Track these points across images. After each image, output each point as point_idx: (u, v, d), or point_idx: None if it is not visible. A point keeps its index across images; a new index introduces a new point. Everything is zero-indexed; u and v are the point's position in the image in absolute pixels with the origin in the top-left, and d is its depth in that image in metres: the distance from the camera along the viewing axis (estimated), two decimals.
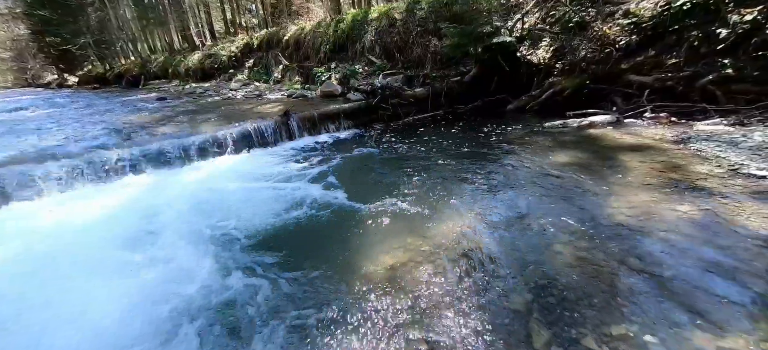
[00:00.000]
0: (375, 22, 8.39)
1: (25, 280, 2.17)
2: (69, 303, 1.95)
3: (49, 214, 3.00)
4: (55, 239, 2.64)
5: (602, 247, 2.07)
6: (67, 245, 2.55)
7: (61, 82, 25.46)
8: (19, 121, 6.90)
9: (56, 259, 2.36)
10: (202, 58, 14.02)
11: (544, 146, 3.93)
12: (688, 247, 1.98)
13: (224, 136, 4.47)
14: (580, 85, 5.14)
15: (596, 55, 5.07)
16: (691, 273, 1.80)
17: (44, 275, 2.20)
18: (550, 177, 3.08)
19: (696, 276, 1.78)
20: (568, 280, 1.84)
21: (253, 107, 6.60)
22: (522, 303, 1.74)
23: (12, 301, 2.00)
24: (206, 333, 1.70)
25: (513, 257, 2.07)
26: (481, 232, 2.34)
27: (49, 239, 2.62)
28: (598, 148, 3.67)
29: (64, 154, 3.82)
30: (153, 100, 9.33)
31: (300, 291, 1.95)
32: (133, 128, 5.28)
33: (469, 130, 4.98)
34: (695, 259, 1.89)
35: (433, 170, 3.54)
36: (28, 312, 1.91)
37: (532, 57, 6.01)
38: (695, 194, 2.48)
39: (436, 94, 6.14)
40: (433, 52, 7.08)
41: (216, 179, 3.70)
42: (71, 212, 3.02)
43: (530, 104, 5.52)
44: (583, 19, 5.38)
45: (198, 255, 2.33)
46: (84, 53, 23.55)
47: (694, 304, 1.61)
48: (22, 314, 1.89)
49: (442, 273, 1.98)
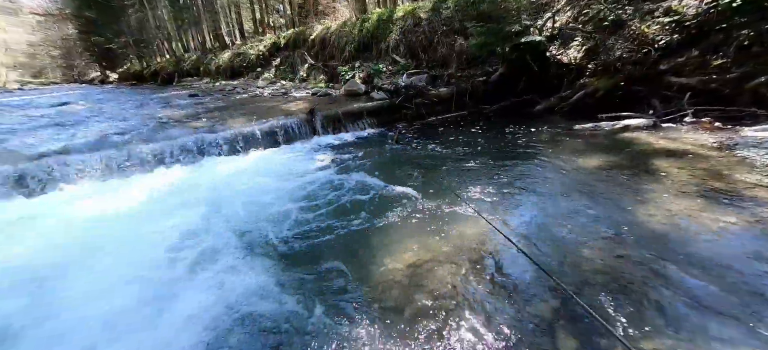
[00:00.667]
0: (400, 22, 8.38)
1: (74, 254, 2.39)
2: (110, 271, 2.16)
3: (91, 200, 3.22)
4: (97, 221, 2.85)
5: (635, 255, 1.97)
6: (108, 226, 2.76)
7: (103, 78, 27.18)
8: (66, 114, 7.44)
9: (98, 237, 2.58)
10: (231, 57, 14.53)
11: (573, 148, 3.78)
12: (732, 261, 1.85)
13: (252, 132, 4.62)
14: (613, 87, 4.90)
15: (633, 55, 4.82)
16: (735, 289, 1.67)
17: (88, 251, 2.42)
18: (580, 181, 2.97)
19: (740, 292, 1.66)
20: (597, 288, 1.76)
21: (279, 105, 6.77)
22: (547, 309, 1.69)
23: (62, 271, 2.17)
24: (232, 300, 1.77)
25: (538, 262, 2.00)
26: (504, 235, 2.29)
27: (90, 222, 2.84)
28: (632, 152, 3.49)
29: (105, 145, 4.09)
30: (185, 96, 9.76)
31: (318, 279, 1.98)
32: (168, 122, 5.55)
33: (495, 131, 4.87)
34: (740, 274, 1.76)
35: (456, 170, 3.50)
36: (76, 278, 2.10)
37: (562, 57, 5.79)
38: (741, 205, 2.31)
39: (461, 94, 6.05)
40: (459, 51, 6.98)
41: (244, 172, 3.83)
42: (111, 199, 3.23)
43: (560, 106, 5.33)
44: (620, 17, 5.12)
45: (225, 240, 2.42)
46: (124, 52, 25.04)
47: (737, 323, 1.50)
48: (74, 280, 2.12)
49: (462, 274, 1.95)
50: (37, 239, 2.59)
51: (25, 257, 2.39)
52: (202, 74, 16.05)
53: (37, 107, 9.66)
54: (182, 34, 20.85)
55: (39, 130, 5.46)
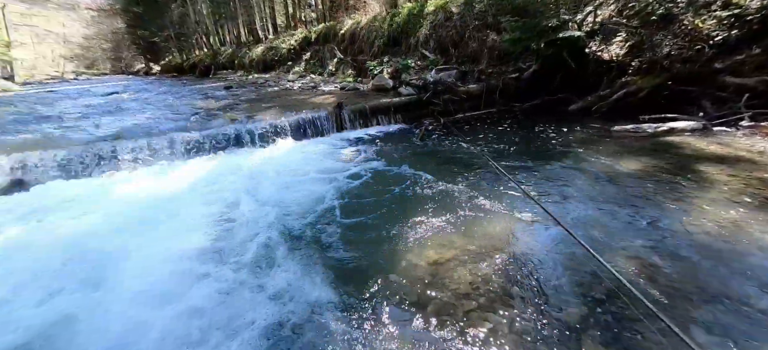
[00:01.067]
0: (431, 16, 8.26)
1: (128, 228, 2.63)
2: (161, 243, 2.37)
3: (140, 182, 3.50)
4: (147, 199, 3.12)
5: (675, 266, 1.84)
6: (157, 204, 3.00)
7: (147, 70, 28.99)
8: (114, 103, 8.02)
9: (150, 212, 2.85)
10: (264, 51, 14.98)
11: (611, 151, 3.58)
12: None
13: (283, 124, 4.76)
14: (659, 86, 4.57)
15: (683, 52, 4.46)
16: None
17: (142, 224, 2.70)
18: (617, 185, 2.81)
19: None
20: (629, 298, 1.67)
21: (307, 98, 6.91)
22: (577, 316, 1.62)
23: (118, 245, 2.36)
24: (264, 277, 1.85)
25: (568, 267, 1.93)
26: (532, 237, 2.22)
27: (141, 200, 3.12)
28: (677, 157, 3.25)
29: (151, 133, 4.38)
30: (221, 88, 10.20)
31: (341, 270, 2.02)
32: (205, 112, 5.84)
33: (525, 129, 4.71)
34: None
35: (483, 168, 3.42)
36: (134, 249, 2.29)
37: (602, 54, 5.48)
38: None
39: (491, 91, 5.89)
40: (491, 47, 6.78)
41: (276, 162, 3.97)
42: (153, 182, 3.48)
43: (597, 105, 5.04)
44: (670, 10, 4.75)
45: (255, 224, 2.52)
46: (166, 45, 26.52)
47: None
48: (130, 251, 2.33)
49: (487, 274, 1.91)
50: (96, 215, 2.85)
51: (83, 231, 2.63)
52: (236, 67, 16.69)
53: (90, 95, 10.48)
54: (219, 28, 21.75)
55: (93, 117, 5.93)
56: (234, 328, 1.68)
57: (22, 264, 2.24)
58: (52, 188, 3.35)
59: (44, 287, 2.01)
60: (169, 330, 1.68)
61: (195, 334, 1.66)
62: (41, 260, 2.25)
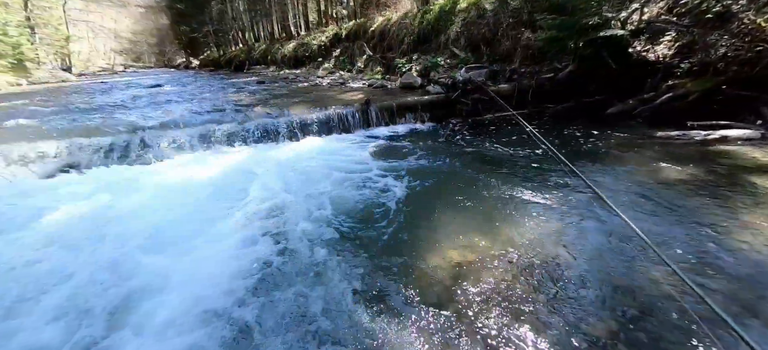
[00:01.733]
0: (463, 13, 8.10)
1: (166, 212, 2.82)
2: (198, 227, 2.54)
3: (179, 169, 3.74)
4: (188, 183, 3.35)
5: (718, 283, 1.71)
6: (194, 191, 3.19)
7: (187, 64, 30.58)
8: (160, 94, 8.56)
9: (186, 200, 3.02)
10: (296, 47, 15.36)
11: (653, 158, 3.35)
12: None
13: (311, 120, 4.87)
14: (711, 90, 4.21)
15: (741, 53, 4.08)
16: None
17: (178, 210, 2.86)
18: (659, 195, 2.63)
19: None
20: (666, 316, 1.57)
21: (336, 94, 7.02)
22: (605, 330, 1.55)
23: (160, 227, 2.54)
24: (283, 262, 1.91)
25: (599, 278, 1.84)
26: (561, 244, 2.13)
27: (183, 183, 3.35)
28: (729, 168, 2.99)
29: (192, 123, 4.66)
30: (254, 83, 10.58)
31: (361, 267, 2.03)
32: (239, 106, 6.09)
33: (559, 132, 4.51)
34: None
35: (512, 171, 3.32)
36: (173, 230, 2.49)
37: (647, 54, 5.13)
38: None
39: (523, 91, 5.69)
40: (524, 46, 6.54)
41: (304, 155, 4.08)
42: (194, 169, 3.69)
43: (638, 109, 4.73)
44: (728, 8, 4.35)
45: (282, 215, 2.61)
46: (205, 40, 27.86)
47: None
48: (167, 231, 2.53)
49: (511, 280, 1.86)
50: (142, 195, 3.09)
51: (134, 207, 2.87)
52: (269, 63, 17.23)
53: (137, 87, 11.25)
54: (254, 24, 22.54)
55: (139, 107, 6.37)
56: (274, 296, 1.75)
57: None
58: (101, 172, 3.65)
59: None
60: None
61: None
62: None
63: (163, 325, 1.70)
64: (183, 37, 31.34)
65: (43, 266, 2.15)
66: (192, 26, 27.30)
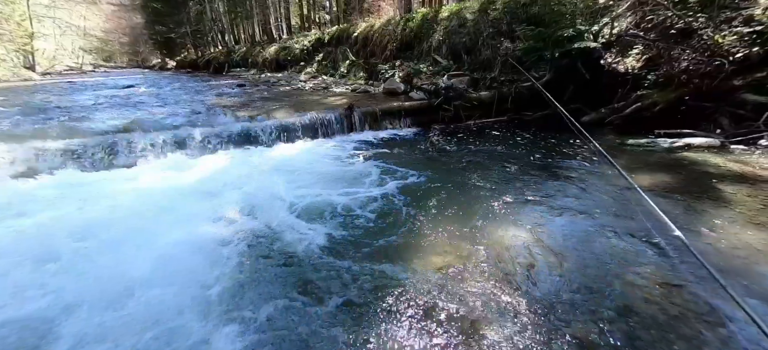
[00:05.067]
0: (445, 22, 8.27)
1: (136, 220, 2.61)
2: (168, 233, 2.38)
3: (151, 175, 3.54)
4: (158, 191, 3.16)
5: (688, 286, 1.80)
6: (164, 198, 3.01)
7: (163, 65, 29.59)
8: (132, 96, 8.20)
9: (158, 208, 2.84)
10: (277, 50, 15.17)
11: (624, 165, 3.51)
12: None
13: (293, 124, 4.81)
14: (675, 101, 4.49)
15: (702, 67, 4.38)
16: None
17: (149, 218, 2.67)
18: (630, 200, 2.76)
19: None
20: (642, 317, 1.64)
21: (319, 99, 6.97)
22: (583, 332, 1.60)
23: (127, 233, 2.40)
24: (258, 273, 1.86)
25: (576, 282, 1.90)
26: (541, 249, 2.19)
27: (151, 191, 3.15)
28: (693, 174, 3.19)
29: (166, 127, 4.45)
30: (234, 85, 10.35)
31: (344, 272, 2.01)
32: (218, 109, 5.92)
33: (536, 139, 4.67)
34: None
35: (492, 177, 3.40)
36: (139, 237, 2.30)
37: (618, 66, 5.41)
38: None
39: (503, 98, 5.86)
40: (504, 55, 6.75)
41: (285, 160, 4.02)
42: (169, 175, 3.53)
43: (610, 118, 4.98)
44: (690, 25, 4.68)
45: (259, 223, 2.55)
46: (182, 41, 27.08)
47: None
48: (135, 239, 2.34)
49: (493, 284, 1.90)
50: (109, 203, 2.88)
51: (98, 217, 2.66)
52: (250, 66, 16.92)
53: (108, 87, 10.74)
54: (235, 26, 22.12)
55: (110, 109, 6.08)
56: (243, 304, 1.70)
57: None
58: (62, 177, 3.38)
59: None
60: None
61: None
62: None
63: None
64: (158, 37, 30.31)
65: None
66: (169, 26, 26.47)
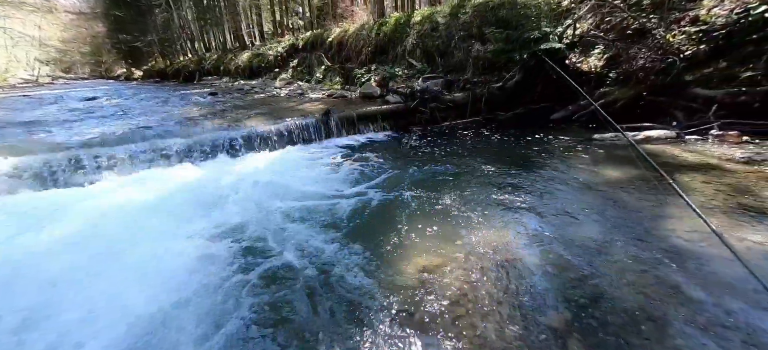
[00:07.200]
0: (417, 26, 8.41)
1: (100, 242, 2.46)
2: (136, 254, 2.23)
3: (117, 192, 3.34)
4: (121, 211, 2.94)
5: (653, 272, 1.92)
6: (132, 216, 2.85)
7: (129, 75, 28.22)
8: (95, 109, 7.77)
9: (123, 226, 2.68)
10: (250, 57, 14.86)
11: (591, 159, 3.71)
12: (750, 282, 1.78)
13: (269, 131, 4.72)
14: (635, 97, 4.78)
15: (656, 65, 4.69)
16: (742, 315, 1.61)
17: (115, 238, 2.50)
18: (597, 192, 2.91)
19: (747, 315, 1.60)
20: (612, 303, 1.73)
21: (295, 105, 6.89)
22: (559, 320, 1.67)
23: (91, 257, 2.26)
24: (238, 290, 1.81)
25: (551, 273, 1.98)
26: (517, 245, 2.27)
27: (116, 212, 2.93)
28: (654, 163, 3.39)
29: (132, 140, 4.23)
30: (206, 94, 10.03)
31: (328, 276, 2.01)
32: (189, 120, 5.73)
33: (510, 138, 4.82)
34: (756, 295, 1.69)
35: (470, 177, 3.48)
36: (106, 263, 2.16)
37: (582, 65, 5.70)
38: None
39: (476, 99, 6.02)
40: (476, 57, 6.94)
41: (261, 169, 3.91)
42: (135, 191, 3.33)
43: (577, 114, 5.23)
44: (644, 25, 5.00)
45: (237, 235, 2.48)
46: (149, 50, 25.98)
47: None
48: (102, 264, 2.17)
49: (473, 281, 1.94)
50: (70, 225, 2.70)
51: (61, 240, 2.50)
52: (222, 73, 16.47)
53: (68, 100, 10.12)
54: (204, 34, 21.48)
55: (70, 123, 5.73)
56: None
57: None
58: (16, 198, 3.15)
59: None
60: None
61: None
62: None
63: None
64: (123, 46, 28.94)
65: None
66: (133, 34, 25.33)
